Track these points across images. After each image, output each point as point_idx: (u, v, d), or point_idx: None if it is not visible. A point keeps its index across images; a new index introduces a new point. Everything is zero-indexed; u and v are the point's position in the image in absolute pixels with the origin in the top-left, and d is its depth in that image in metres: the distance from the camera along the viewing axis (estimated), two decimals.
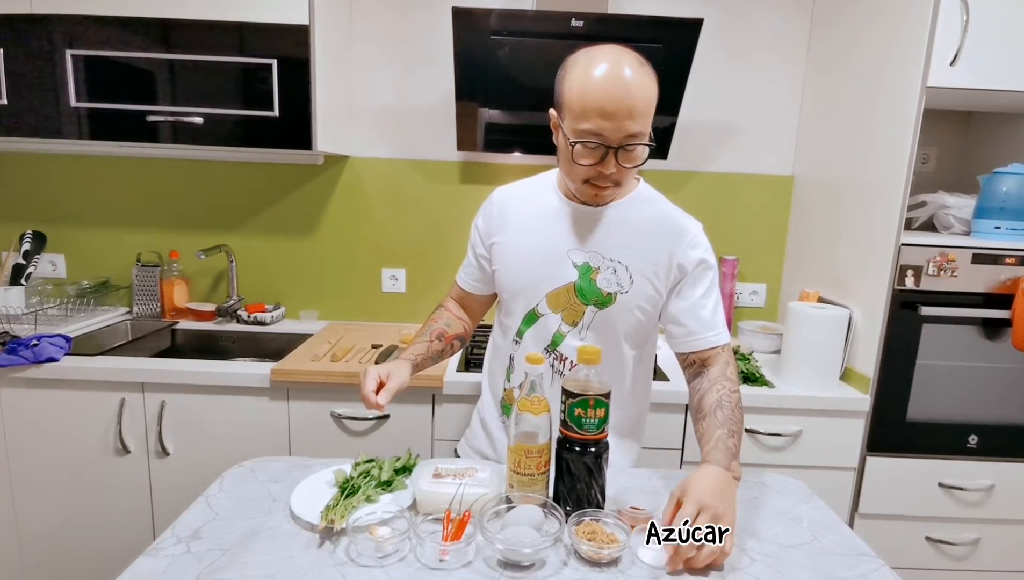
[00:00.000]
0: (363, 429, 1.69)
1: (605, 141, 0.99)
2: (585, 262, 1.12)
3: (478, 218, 1.24)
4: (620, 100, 0.95)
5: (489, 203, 1.23)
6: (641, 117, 0.98)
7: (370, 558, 0.87)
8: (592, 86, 0.96)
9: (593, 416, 0.93)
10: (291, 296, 2.24)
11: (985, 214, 1.69)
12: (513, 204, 1.20)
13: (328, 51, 1.83)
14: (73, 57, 1.71)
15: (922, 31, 1.52)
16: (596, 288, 1.12)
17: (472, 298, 1.30)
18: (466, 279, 1.28)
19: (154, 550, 0.88)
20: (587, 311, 1.13)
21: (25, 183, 2.14)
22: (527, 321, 1.17)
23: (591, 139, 0.99)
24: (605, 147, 0.99)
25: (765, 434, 1.68)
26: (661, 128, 1.98)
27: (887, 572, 0.90)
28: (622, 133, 0.98)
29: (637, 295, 1.12)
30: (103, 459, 1.70)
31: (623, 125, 0.97)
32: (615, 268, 1.12)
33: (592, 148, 1.00)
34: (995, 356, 1.67)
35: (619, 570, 0.87)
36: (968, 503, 1.73)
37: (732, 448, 0.98)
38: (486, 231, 1.21)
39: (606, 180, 1.04)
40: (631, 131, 0.98)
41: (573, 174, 1.06)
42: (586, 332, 1.14)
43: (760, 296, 2.27)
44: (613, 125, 0.97)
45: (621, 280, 1.12)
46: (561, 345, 1.15)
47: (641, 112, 0.97)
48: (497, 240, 1.19)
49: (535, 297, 1.15)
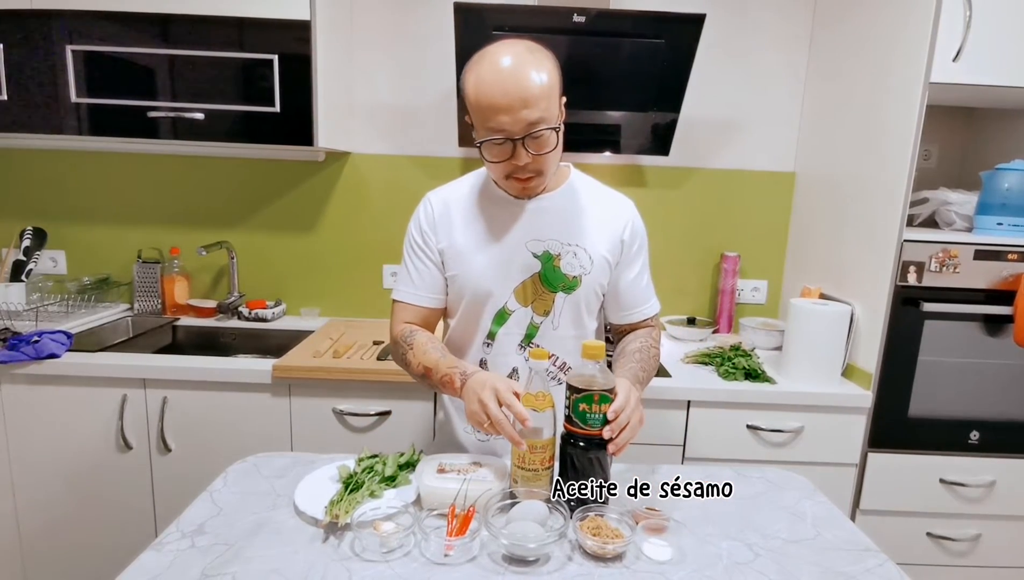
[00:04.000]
0: (365, 425, 1.69)
1: (508, 135, 1.00)
2: (545, 250, 1.13)
3: (420, 224, 1.17)
4: (510, 92, 0.97)
5: (428, 207, 1.17)
6: (537, 103, 0.98)
7: (375, 553, 0.87)
8: (483, 84, 0.98)
9: (598, 411, 0.93)
10: (292, 293, 2.23)
11: (987, 210, 1.69)
12: (456, 206, 1.16)
13: (329, 47, 1.83)
14: (74, 53, 1.71)
15: (925, 27, 1.52)
16: (561, 274, 1.14)
17: (432, 315, 1.20)
18: (423, 294, 1.17)
19: (159, 545, 0.88)
20: (556, 298, 1.14)
21: (26, 179, 2.14)
22: (497, 321, 1.15)
23: (495, 136, 1.00)
24: (511, 140, 1.00)
25: (767, 430, 1.68)
26: (663, 124, 1.98)
27: (891, 567, 0.90)
28: (522, 123, 0.99)
29: (599, 273, 1.16)
30: (105, 455, 1.70)
31: (520, 116, 0.98)
32: (575, 251, 1.14)
33: (499, 144, 1.01)
34: (997, 352, 1.68)
35: (624, 565, 0.87)
36: (969, 499, 1.73)
37: (640, 377, 1.12)
38: (435, 236, 1.16)
39: (524, 171, 1.05)
40: (530, 119, 0.98)
41: (494, 173, 1.08)
42: (559, 319, 1.15)
43: (762, 292, 2.27)
44: (511, 118, 0.98)
45: (583, 262, 1.14)
46: (536, 337, 1.16)
47: (536, 97, 0.98)
48: (447, 244, 1.15)
49: (503, 295, 1.14)
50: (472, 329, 1.17)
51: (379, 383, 1.66)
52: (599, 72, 1.87)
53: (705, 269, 2.25)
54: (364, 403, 1.68)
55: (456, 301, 1.18)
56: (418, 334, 1.15)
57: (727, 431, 1.69)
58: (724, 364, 1.78)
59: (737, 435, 1.70)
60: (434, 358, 1.09)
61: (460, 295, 1.16)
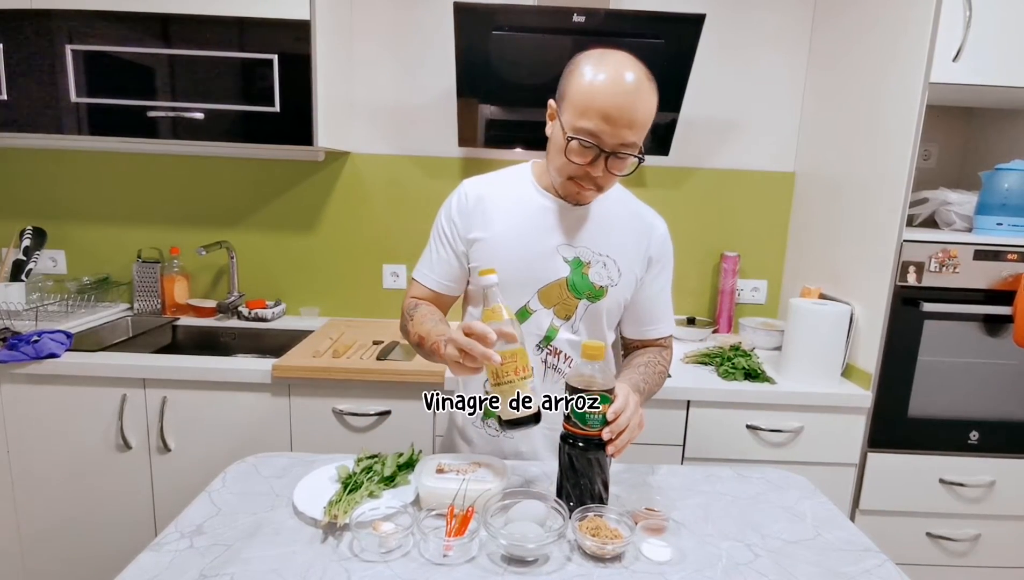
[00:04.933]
0: (365, 425, 1.69)
1: (600, 144, 0.99)
2: (576, 257, 1.13)
3: (451, 212, 1.17)
4: (623, 108, 0.97)
5: (463, 197, 1.16)
6: (640, 129, 0.99)
7: (374, 553, 0.87)
8: (600, 87, 0.97)
9: (597, 412, 0.93)
10: (292, 292, 2.23)
11: (987, 210, 1.69)
12: (493, 199, 1.15)
13: (329, 47, 1.83)
14: (73, 52, 1.71)
15: (925, 27, 1.52)
16: (589, 282, 1.14)
17: (441, 300, 1.21)
18: (436, 279, 1.19)
19: (157, 545, 0.88)
20: (580, 305, 1.14)
21: (25, 179, 2.14)
22: (518, 318, 1.15)
23: (587, 138, 0.99)
24: (599, 149, 1.00)
25: (766, 430, 1.68)
26: (663, 124, 1.98)
27: (891, 567, 0.90)
28: (618, 140, 0.99)
29: (625, 287, 1.16)
30: (104, 455, 1.70)
31: (621, 132, 0.98)
32: (604, 262, 1.14)
33: (586, 147, 1.01)
34: (996, 352, 1.68)
35: (623, 566, 0.87)
36: (969, 499, 1.73)
37: (640, 387, 1.12)
38: (465, 226, 1.15)
39: (591, 182, 1.05)
40: (627, 140, 0.99)
41: (561, 169, 1.06)
42: (579, 325, 1.16)
43: (761, 292, 2.27)
44: (612, 130, 0.98)
45: (611, 273, 1.14)
46: (555, 340, 1.16)
47: (641, 124, 0.99)
48: (479, 236, 1.14)
49: (526, 293, 1.14)
50: None
51: (379, 383, 1.66)
52: None
53: (705, 269, 2.25)
54: (364, 403, 1.68)
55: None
56: (421, 307, 1.17)
57: (727, 431, 1.69)
58: (724, 364, 1.78)
59: (737, 435, 1.70)
60: (427, 328, 1.10)
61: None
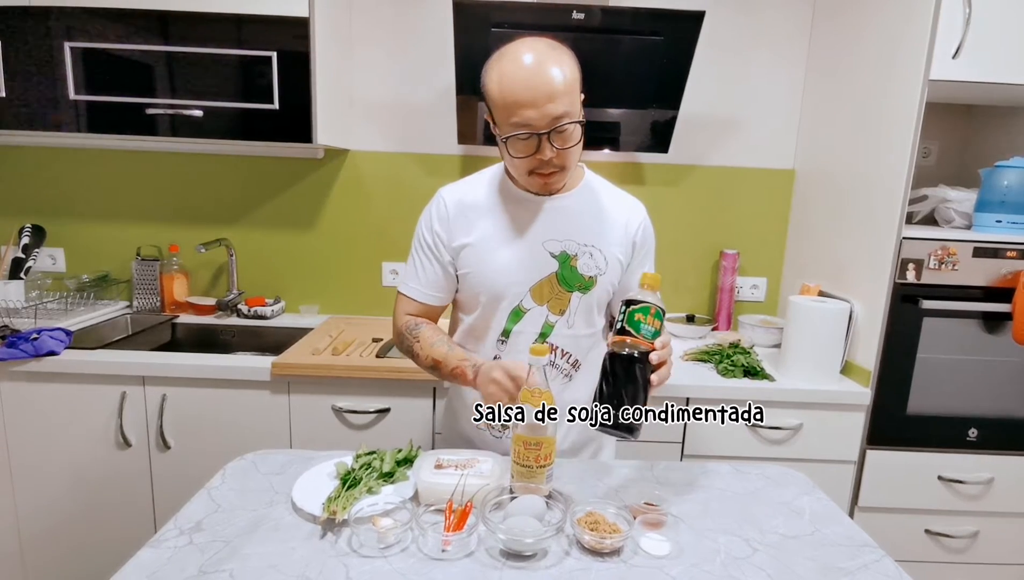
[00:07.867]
0: (364, 422, 1.69)
1: (534, 129, 1.00)
2: (563, 251, 1.14)
3: (431, 222, 1.17)
4: (535, 87, 0.98)
5: (441, 205, 1.16)
6: (562, 97, 0.99)
7: (372, 549, 0.87)
8: (507, 80, 0.99)
9: (651, 324, 0.93)
10: (291, 290, 2.23)
11: (986, 208, 1.69)
12: (472, 203, 1.16)
13: (328, 44, 1.82)
14: (72, 50, 1.70)
15: (924, 24, 1.52)
16: (578, 274, 1.15)
17: (433, 311, 1.21)
18: (425, 291, 1.19)
19: (157, 542, 0.88)
20: (572, 298, 1.15)
21: (24, 176, 2.13)
22: (512, 318, 1.16)
23: (520, 131, 1.01)
24: (536, 135, 1.01)
25: (766, 427, 1.69)
26: (662, 121, 1.98)
27: (889, 563, 0.90)
28: (547, 117, 0.99)
29: (612, 274, 1.17)
30: (104, 452, 1.70)
31: (545, 109, 0.99)
32: (591, 252, 1.15)
33: (524, 139, 1.02)
34: (995, 350, 1.68)
35: (621, 560, 0.87)
36: (967, 496, 1.74)
37: None
38: (448, 235, 1.15)
39: (548, 166, 1.05)
40: (555, 113, 0.99)
41: (516, 168, 1.08)
42: (574, 318, 1.16)
43: (761, 290, 2.27)
44: (537, 112, 0.99)
45: (598, 262, 1.15)
46: (551, 336, 1.16)
47: (561, 93, 0.99)
48: (465, 242, 1.14)
49: (519, 293, 1.14)
50: (487, 326, 1.18)
51: (378, 380, 1.66)
52: (598, 69, 1.86)
53: (704, 266, 2.25)
54: (363, 400, 1.68)
55: (472, 298, 1.18)
56: (423, 327, 1.18)
57: (726, 428, 1.69)
58: (723, 361, 1.78)
59: (736, 432, 1.70)
60: (442, 351, 1.12)
61: (476, 292, 1.16)
